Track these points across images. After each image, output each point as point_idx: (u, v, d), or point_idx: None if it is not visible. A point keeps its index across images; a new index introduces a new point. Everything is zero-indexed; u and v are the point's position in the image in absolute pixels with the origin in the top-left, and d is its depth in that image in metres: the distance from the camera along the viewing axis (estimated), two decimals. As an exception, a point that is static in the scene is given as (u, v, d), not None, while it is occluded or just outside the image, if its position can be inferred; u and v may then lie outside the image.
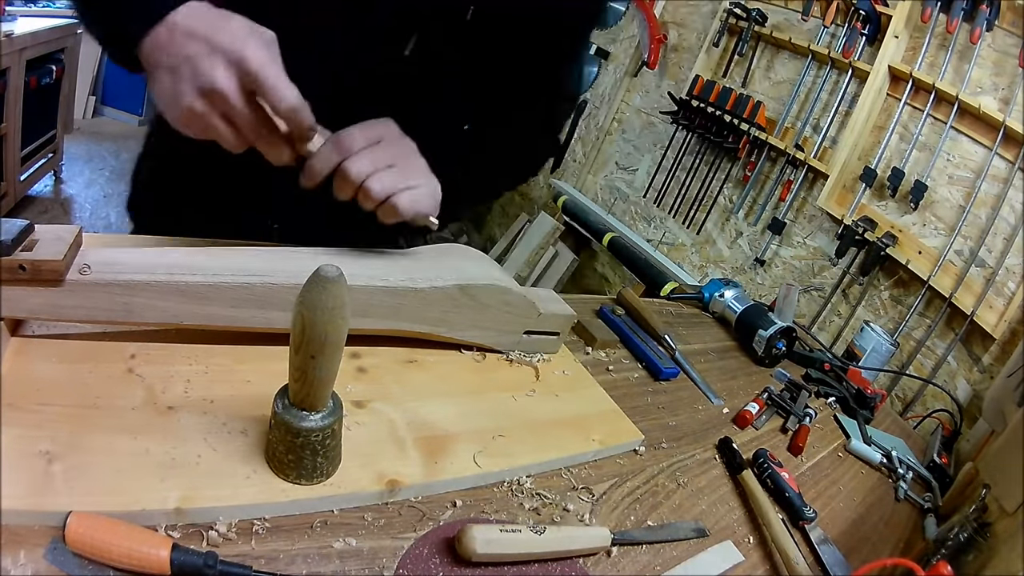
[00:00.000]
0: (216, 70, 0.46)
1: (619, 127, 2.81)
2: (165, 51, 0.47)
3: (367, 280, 0.55)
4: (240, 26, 0.48)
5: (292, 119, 0.49)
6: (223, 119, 0.48)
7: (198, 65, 0.46)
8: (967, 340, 1.63)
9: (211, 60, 0.46)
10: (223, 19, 0.48)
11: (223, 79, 0.46)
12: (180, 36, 0.47)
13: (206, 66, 0.46)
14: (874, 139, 1.91)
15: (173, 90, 0.47)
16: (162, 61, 0.47)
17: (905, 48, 1.84)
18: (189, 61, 0.46)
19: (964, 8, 1.65)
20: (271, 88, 0.47)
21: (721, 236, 2.35)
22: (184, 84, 0.46)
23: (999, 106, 1.62)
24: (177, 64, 0.46)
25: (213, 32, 0.47)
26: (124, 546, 0.33)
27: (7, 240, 0.41)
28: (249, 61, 0.46)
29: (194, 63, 0.46)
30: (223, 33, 0.47)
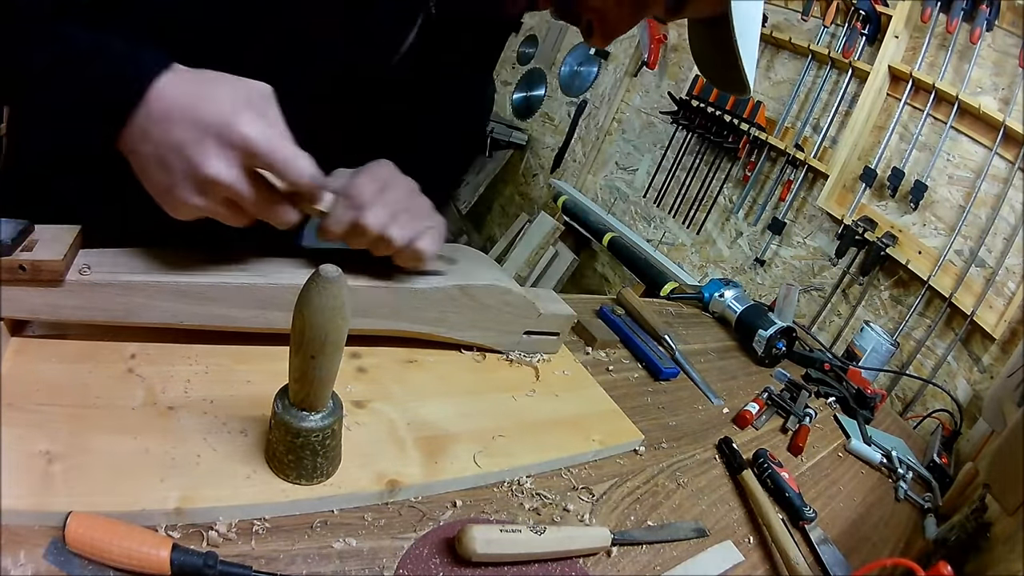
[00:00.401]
0: (211, 159, 0.41)
1: (619, 127, 2.81)
2: (145, 138, 0.41)
3: (367, 280, 0.55)
4: (225, 92, 0.42)
5: (306, 188, 0.45)
6: (225, 204, 0.44)
7: (189, 155, 0.40)
8: (967, 340, 1.63)
9: (203, 146, 0.40)
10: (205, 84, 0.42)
11: (221, 169, 0.41)
12: (159, 117, 0.41)
13: (198, 155, 0.40)
14: (874, 139, 1.91)
15: (166, 184, 0.42)
16: (144, 150, 0.41)
17: (905, 48, 1.84)
18: (178, 151, 0.40)
19: (964, 8, 1.65)
20: (283, 165, 0.43)
21: (721, 236, 2.35)
22: (177, 178, 0.41)
23: (999, 106, 1.62)
24: (164, 154, 0.41)
25: (196, 107, 0.41)
26: (124, 546, 0.33)
27: (7, 240, 0.41)
28: (248, 141, 0.41)
29: (184, 153, 0.40)
30: (208, 107, 0.41)
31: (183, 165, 0.41)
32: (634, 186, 2.70)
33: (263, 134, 0.42)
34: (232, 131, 0.41)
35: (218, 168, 0.41)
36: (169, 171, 0.41)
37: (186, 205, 0.42)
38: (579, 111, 2.98)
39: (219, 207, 0.44)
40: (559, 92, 3.13)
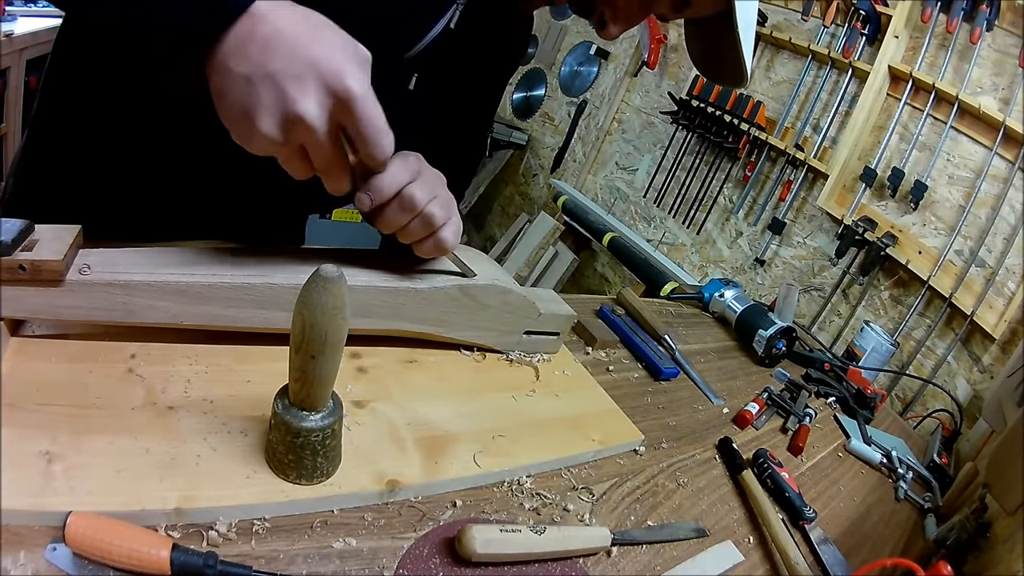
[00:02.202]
0: (307, 98, 0.39)
1: (619, 127, 2.81)
2: (241, 55, 0.38)
3: (367, 280, 0.55)
4: (337, 39, 0.41)
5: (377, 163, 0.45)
6: (297, 148, 0.42)
7: (285, 87, 0.38)
8: (967, 340, 1.63)
9: (301, 83, 0.39)
10: (316, 26, 0.40)
11: (314, 112, 0.39)
12: (262, 39, 0.38)
13: (294, 90, 0.38)
14: (874, 139, 1.91)
15: (247, 109, 0.39)
16: (237, 68, 0.39)
17: (905, 48, 1.84)
18: (272, 79, 0.38)
19: (964, 8, 1.65)
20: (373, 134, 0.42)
21: (721, 236, 2.35)
22: (263, 106, 0.39)
23: (999, 106, 1.62)
24: (256, 77, 0.38)
25: (305, 44, 0.39)
26: (124, 546, 0.33)
27: (7, 240, 0.41)
28: (353, 96, 0.40)
29: (280, 83, 0.38)
30: (319, 47, 0.39)
31: (275, 94, 0.39)
32: (634, 186, 2.70)
33: (367, 95, 0.41)
34: (340, 79, 0.39)
35: (311, 108, 0.39)
36: (257, 96, 0.39)
37: (260, 135, 0.40)
38: (579, 111, 2.98)
39: (290, 149, 0.42)
40: (559, 92, 3.13)
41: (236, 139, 0.42)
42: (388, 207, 0.50)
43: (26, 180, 0.70)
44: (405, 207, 0.50)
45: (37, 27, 2.36)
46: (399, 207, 0.50)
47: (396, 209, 0.50)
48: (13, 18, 2.26)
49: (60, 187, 0.68)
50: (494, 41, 0.75)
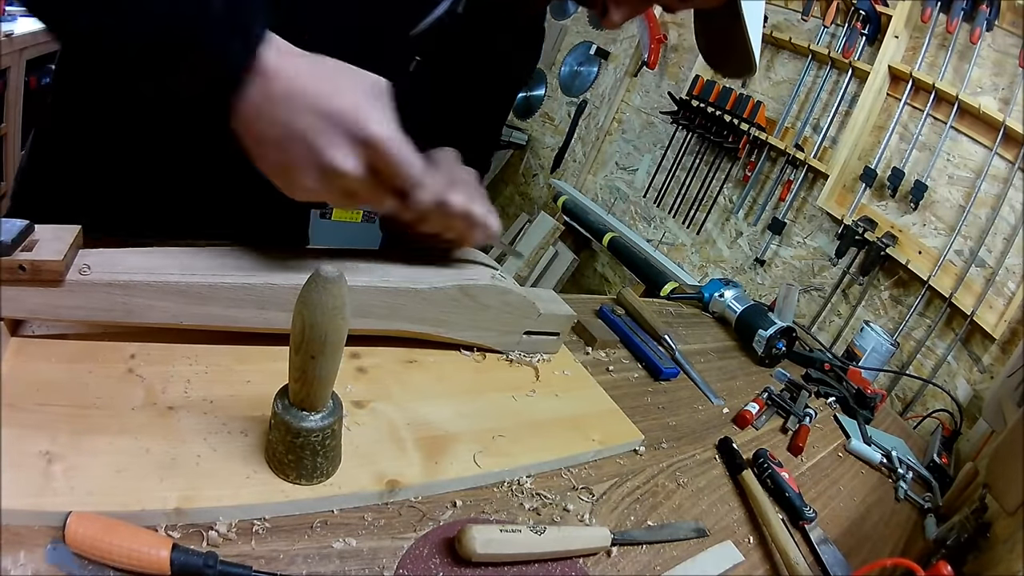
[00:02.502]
0: (338, 150, 0.41)
1: (619, 127, 2.81)
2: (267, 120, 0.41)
3: (367, 280, 0.55)
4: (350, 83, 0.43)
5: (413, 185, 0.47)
6: (341, 192, 0.45)
7: (318, 146, 0.41)
8: (967, 340, 1.63)
9: (330, 138, 0.41)
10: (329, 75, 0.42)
11: (348, 163, 0.42)
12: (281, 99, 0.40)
13: (327, 148, 0.41)
14: (874, 139, 1.91)
15: (286, 166, 0.42)
16: (266, 132, 0.41)
17: (905, 48, 1.84)
18: (303, 138, 0.41)
19: (964, 8, 1.65)
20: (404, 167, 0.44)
21: (721, 236, 2.35)
22: (300, 164, 0.41)
23: (999, 106, 1.62)
24: (286, 139, 0.41)
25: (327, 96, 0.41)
26: (124, 546, 0.33)
27: (7, 240, 0.41)
28: (378, 141, 0.42)
29: (311, 142, 0.41)
30: (337, 99, 0.41)
31: (308, 153, 0.41)
32: (634, 186, 2.70)
33: (391, 136, 0.43)
34: (363, 129, 0.42)
35: (345, 162, 0.42)
36: (291, 155, 0.42)
37: (304, 190, 0.43)
38: (579, 111, 2.98)
39: (335, 194, 0.45)
40: (559, 92, 3.13)
41: (282, 190, 0.45)
42: (431, 216, 0.53)
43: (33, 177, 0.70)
44: (447, 213, 0.53)
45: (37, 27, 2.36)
46: (441, 214, 0.53)
47: (436, 219, 0.53)
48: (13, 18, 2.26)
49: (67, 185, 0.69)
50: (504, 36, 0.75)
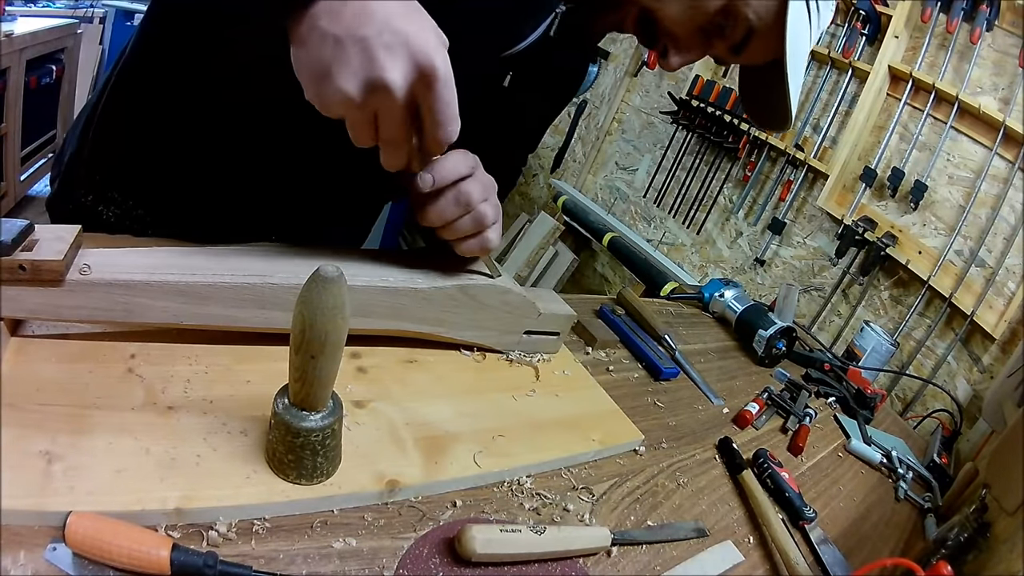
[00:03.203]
0: (395, 67, 0.40)
1: (619, 127, 2.81)
2: (334, 16, 0.40)
3: (367, 280, 0.55)
4: (426, 21, 0.42)
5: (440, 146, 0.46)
6: (369, 115, 0.43)
7: (375, 53, 0.40)
8: (967, 340, 1.63)
9: (391, 52, 0.40)
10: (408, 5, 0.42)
11: (399, 81, 0.41)
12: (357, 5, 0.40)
13: (384, 58, 0.40)
14: (874, 139, 1.91)
15: (330, 65, 0.41)
16: (328, 27, 0.41)
17: (905, 48, 1.84)
18: (363, 43, 0.40)
19: (964, 8, 1.65)
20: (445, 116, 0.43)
21: (721, 236, 2.35)
22: (347, 67, 0.40)
23: (999, 106, 1.62)
24: (347, 39, 0.40)
25: (400, 17, 0.41)
26: (124, 546, 0.33)
27: (7, 240, 0.41)
28: (439, 75, 0.41)
29: (370, 47, 0.40)
30: (410, 23, 0.41)
31: (363, 58, 0.40)
32: (634, 186, 2.70)
33: (450, 78, 0.42)
34: (429, 57, 0.41)
35: (396, 77, 0.41)
36: (344, 57, 0.40)
37: (340, 92, 0.41)
38: (579, 111, 2.98)
39: (364, 113, 0.43)
40: (559, 92, 3.12)
41: (309, 95, 0.43)
42: (443, 197, 0.52)
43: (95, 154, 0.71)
44: (460, 201, 0.53)
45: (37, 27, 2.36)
46: (454, 200, 0.52)
47: (451, 201, 0.52)
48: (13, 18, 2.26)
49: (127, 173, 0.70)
50: (571, 58, 0.79)
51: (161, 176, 0.70)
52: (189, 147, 0.68)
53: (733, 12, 0.61)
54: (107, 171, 0.70)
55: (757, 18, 0.61)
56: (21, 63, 2.26)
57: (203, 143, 0.68)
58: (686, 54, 0.65)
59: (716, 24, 0.62)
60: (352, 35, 0.40)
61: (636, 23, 0.65)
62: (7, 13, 2.21)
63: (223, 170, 0.70)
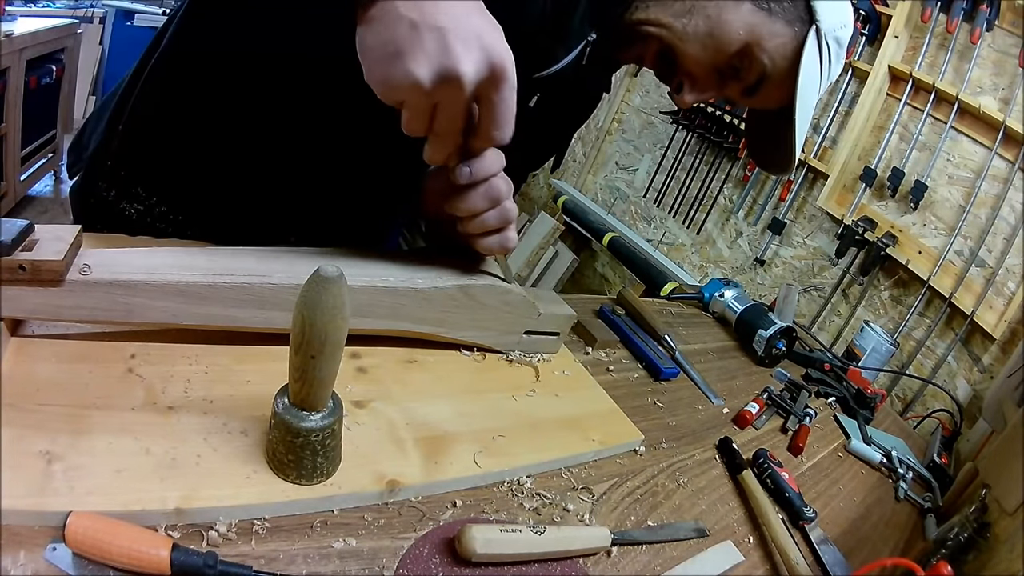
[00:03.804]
0: (469, 60, 0.41)
1: (619, 127, 2.81)
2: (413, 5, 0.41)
3: (367, 280, 0.55)
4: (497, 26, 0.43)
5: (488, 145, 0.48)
6: (429, 103, 0.44)
7: (451, 43, 0.41)
8: (967, 340, 1.63)
9: (467, 46, 0.41)
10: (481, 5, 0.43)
11: (472, 76, 0.41)
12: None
13: (460, 50, 0.41)
14: (874, 139, 1.91)
15: (402, 50, 0.41)
16: (404, 12, 0.41)
17: (905, 48, 1.84)
18: (441, 33, 0.41)
19: (964, 8, 1.65)
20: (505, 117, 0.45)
21: (721, 236, 2.35)
22: (422, 54, 0.41)
23: (999, 106, 1.62)
24: (424, 25, 0.41)
25: (475, 15, 0.42)
26: (124, 546, 0.33)
27: (7, 240, 0.41)
28: (508, 77, 0.43)
29: (447, 38, 0.41)
30: (485, 22, 0.42)
31: (440, 47, 0.41)
32: (634, 186, 2.70)
33: (515, 83, 0.43)
34: (502, 59, 0.42)
35: (469, 71, 0.41)
36: (420, 42, 0.41)
37: (410, 76, 0.41)
38: (579, 111, 2.98)
39: (426, 101, 0.43)
40: (559, 92, 3.12)
41: (372, 77, 0.43)
42: (475, 190, 0.54)
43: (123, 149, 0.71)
44: (491, 195, 0.54)
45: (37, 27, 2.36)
46: (485, 193, 0.54)
47: (482, 195, 0.54)
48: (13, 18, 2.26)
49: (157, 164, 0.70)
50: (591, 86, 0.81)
51: (189, 175, 0.70)
52: (220, 147, 0.68)
53: (749, 55, 0.63)
54: (135, 167, 0.70)
55: (772, 63, 0.63)
56: (21, 63, 2.26)
57: (233, 141, 0.68)
58: (700, 93, 0.67)
59: (732, 66, 0.64)
60: (429, 22, 0.41)
61: (656, 58, 0.67)
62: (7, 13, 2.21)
63: (250, 171, 0.70)
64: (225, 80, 0.65)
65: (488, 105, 0.45)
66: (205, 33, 0.64)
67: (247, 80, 0.64)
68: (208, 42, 0.64)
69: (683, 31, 0.63)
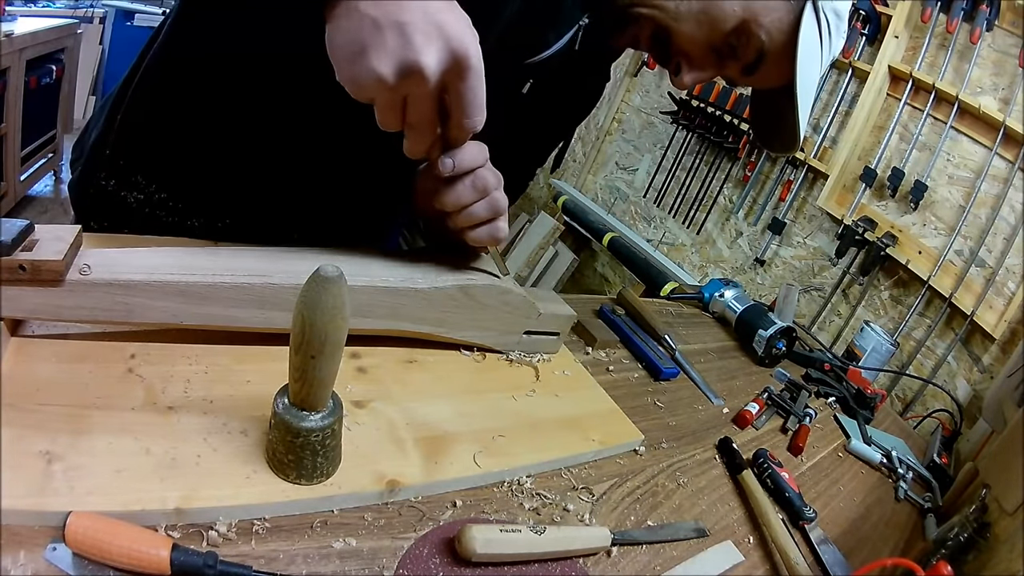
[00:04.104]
0: (430, 52, 0.41)
1: (619, 127, 2.81)
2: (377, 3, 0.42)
3: (367, 280, 0.55)
4: (461, 14, 0.44)
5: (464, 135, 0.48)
6: (399, 98, 0.45)
7: (412, 37, 0.41)
8: (967, 340, 1.63)
9: (428, 38, 0.41)
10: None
11: (433, 66, 0.42)
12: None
13: (420, 42, 0.41)
14: (874, 139, 1.91)
15: (366, 47, 0.42)
16: (366, 10, 0.42)
17: (905, 48, 1.84)
18: (401, 27, 0.41)
19: (964, 8, 1.65)
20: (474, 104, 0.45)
21: (721, 236, 2.35)
22: (383, 50, 0.41)
23: (999, 106, 1.62)
24: (385, 22, 0.41)
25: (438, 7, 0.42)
26: (124, 546, 0.33)
27: (7, 240, 0.41)
28: (472, 65, 0.43)
29: (407, 32, 0.41)
30: (448, 12, 0.43)
31: (400, 41, 0.41)
32: (634, 186, 2.70)
33: (481, 69, 0.44)
34: (464, 46, 0.42)
35: (431, 63, 0.42)
36: (381, 39, 0.41)
37: (373, 73, 0.42)
38: (579, 111, 2.98)
39: (394, 96, 0.44)
40: (559, 92, 3.12)
41: (342, 75, 0.44)
42: (461, 182, 0.54)
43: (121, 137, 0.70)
44: (477, 186, 0.55)
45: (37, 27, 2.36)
46: (472, 185, 0.54)
47: (468, 186, 0.55)
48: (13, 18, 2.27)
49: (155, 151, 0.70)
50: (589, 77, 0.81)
51: (188, 162, 0.70)
52: (218, 134, 0.68)
53: (746, 32, 0.62)
54: (133, 155, 0.70)
55: (769, 40, 0.62)
56: (21, 63, 2.26)
57: (232, 131, 0.68)
58: (698, 73, 0.66)
59: (729, 44, 0.63)
60: (391, 19, 0.41)
61: (651, 40, 0.66)
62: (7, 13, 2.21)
63: (249, 159, 0.70)
64: (222, 79, 0.65)
65: (456, 94, 0.45)
66: (201, 33, 0.64)
67: (243, 79, 0.64)
68: (204, 41, 0.64)
69: (676, 11, 0.62)
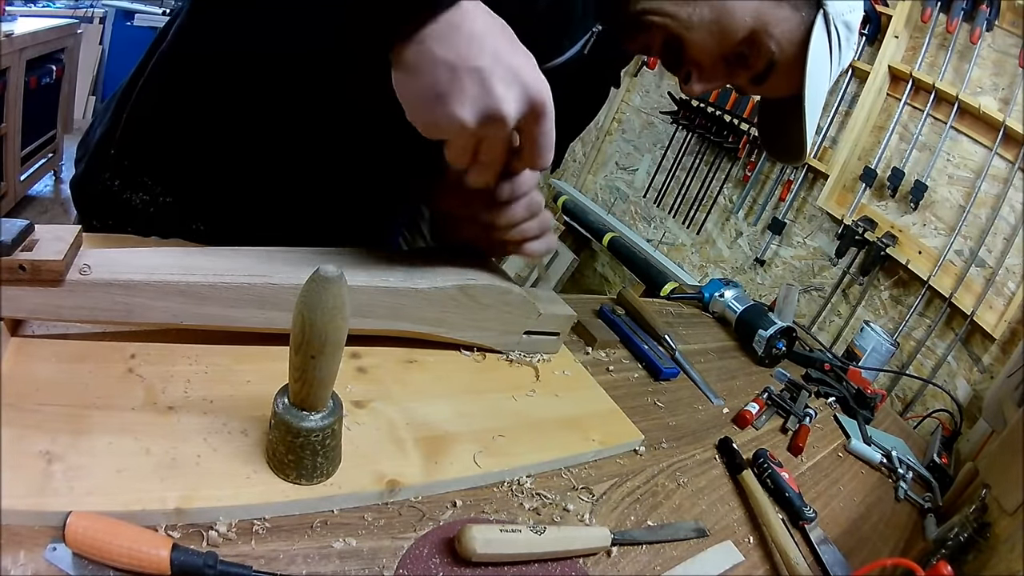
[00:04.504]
0: (510, 100, 0.42)
1: (619, 127, 2.81)
2: (447, 43, 0.42)
3: (367, 280, 0.55)
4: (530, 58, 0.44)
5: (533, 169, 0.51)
6: (473, 141, 0.46)
7: (491, 84, 0.42)
8: (967, 340, 1.63)
9: (507, 85, 0.42)
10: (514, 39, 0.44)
11: (513, 113, 0.43)
12: (469, 34, 0.42)
13: (501, 91, 0.42)
14: (874, 139, 1.91)
15: (445, 93, 0.42)
16: (440, 53, 0.42)
17: (905, 48, 1.84)
18: (479, 73, 0.42)
19: (964, 8, 1.65)
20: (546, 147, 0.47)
21: (721, 236, 2.35)
22: (464, 96, 0.42)
23: (999, 106, 1.62)
24: (462, 68, 0.41)
25: (510, 51, 0.43)
26: (124, 546, 0.33)
27: (7, 240, 0.41)
28: (547, 111, 0.44)
29: (486, 79, 0.42)
30: (518, 56, 0.43)
31: (480, 89, 0.42)
32: (634, 186, 2.70)
33: (551, 108, 0.45)
34: (541, 94, 0.44)
35: (511, 111, 0.43)
36: (459, 85, 0.42)
37: (454, 119, 0.42)
38: (579, 111, 2.98)
39: (471, 139, 0.46)
40: (559, 92, 3.12)
41: (416, 117, 0.45)
42: (517, 203, 0.58)
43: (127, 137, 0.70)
44: (532, 207, 0.59)
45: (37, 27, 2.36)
46: (527, 206, 0.59)
47: (523, 207, 0.59)
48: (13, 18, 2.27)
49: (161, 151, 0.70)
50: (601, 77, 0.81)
51: (191, 161, 0.70)
52: (223, 133, 0.68)
53: (757, 42, 0.62)
54: (138, 155, 0.70)
55: (780, 50, 0.63)
56: (21, 63, 2.26)
57: (236, 130, 0.68)
58: (708, 82, 0.67)
59: (739, 54, 0.64)
60: (467, 64, 0.41)
61: (662, 48, 0.66)
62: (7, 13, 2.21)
63: (252, 157, 0.70)
64: (230, 77, 0.65)
65: (530, 137, 0.47)
66: (208, 32, 0.64)
67: (251, 78, 0.64)
68: (211, 41, 0.64)
69: (688, 19, 0.62)
